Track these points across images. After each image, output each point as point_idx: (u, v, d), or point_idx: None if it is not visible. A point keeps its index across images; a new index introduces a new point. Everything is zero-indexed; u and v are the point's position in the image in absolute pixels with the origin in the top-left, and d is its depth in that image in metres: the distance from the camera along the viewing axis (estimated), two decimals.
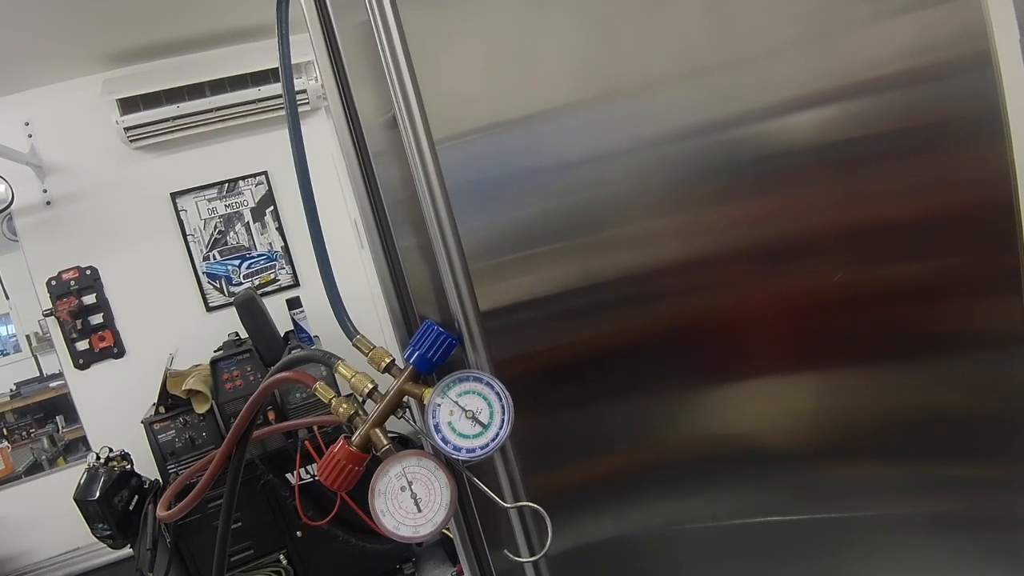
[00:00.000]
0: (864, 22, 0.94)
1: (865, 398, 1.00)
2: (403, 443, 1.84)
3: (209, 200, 3.15)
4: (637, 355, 0.92)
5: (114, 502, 2.27)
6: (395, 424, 0.79)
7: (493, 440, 0.74)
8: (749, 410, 0.98)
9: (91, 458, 2.38)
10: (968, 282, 1.01)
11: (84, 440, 3.03)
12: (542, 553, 0.77)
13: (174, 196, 3.09)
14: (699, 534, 0.98)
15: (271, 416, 2.51)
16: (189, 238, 3.12)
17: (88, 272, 2.99)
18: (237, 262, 3.20)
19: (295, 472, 2.54)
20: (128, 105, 2.85)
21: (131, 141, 2.92)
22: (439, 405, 0.74)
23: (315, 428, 2.52)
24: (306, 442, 2.52)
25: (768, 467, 0.99)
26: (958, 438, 1.04)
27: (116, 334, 3.02)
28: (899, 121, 0.95)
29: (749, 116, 0.92)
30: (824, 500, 1.01)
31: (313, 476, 2.71)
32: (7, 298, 3.23)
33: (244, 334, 2.73)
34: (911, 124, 0.96)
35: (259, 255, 3.23)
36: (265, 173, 3.21)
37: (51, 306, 2.93)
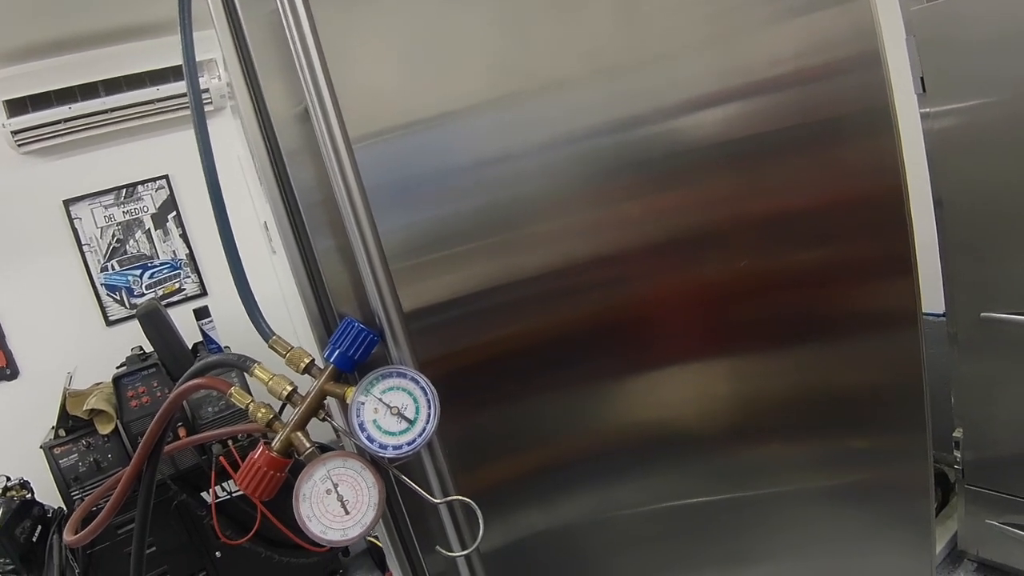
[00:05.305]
0: (763, 24, 0.99)
1: (773, 379, 1.05)
2: (323, 451, 1.80)
3: (106, 207, 2.98)
4: (559, 349, 0.94)
5: (15, 534, 2.14)
6: (317, 434, 0.77)
7: (420, 435, 0.73)
8: (668, 396, 1.01)
9: None
10: (863, 266, 1.08)
11: None
12: (474, 546, 0.77)
13: (67, 203, 2.91)
14: (627, 520, 1.01)
15: (182, 433, 2.41)
16: (85, 248, 2.95)
17: None
18: (138, 272, 3.04)
19: (211, 490, 2.45)
20: (15, 107, 2.68)
21: (19, 145, 2.75)
22: (363, 403, 0.73)
23: (230, 442, 2.42)
24: (221, 458, 2.43)
25: (688, 450, 1.03)
26: (858, 413, 1.11)
27: (8, 354, 2.83)
28: (796, 117, 1.01)
29: (657, 114, 0.95)
30: (741, 479, 1.06)
31: (230, 493, 2.62)
32: None
33: (149, 348, 2.61)
34: (807, 120, 1.01)
35: (162, 263, 3.08)
36: (166, 177, 3.06)
37: None
